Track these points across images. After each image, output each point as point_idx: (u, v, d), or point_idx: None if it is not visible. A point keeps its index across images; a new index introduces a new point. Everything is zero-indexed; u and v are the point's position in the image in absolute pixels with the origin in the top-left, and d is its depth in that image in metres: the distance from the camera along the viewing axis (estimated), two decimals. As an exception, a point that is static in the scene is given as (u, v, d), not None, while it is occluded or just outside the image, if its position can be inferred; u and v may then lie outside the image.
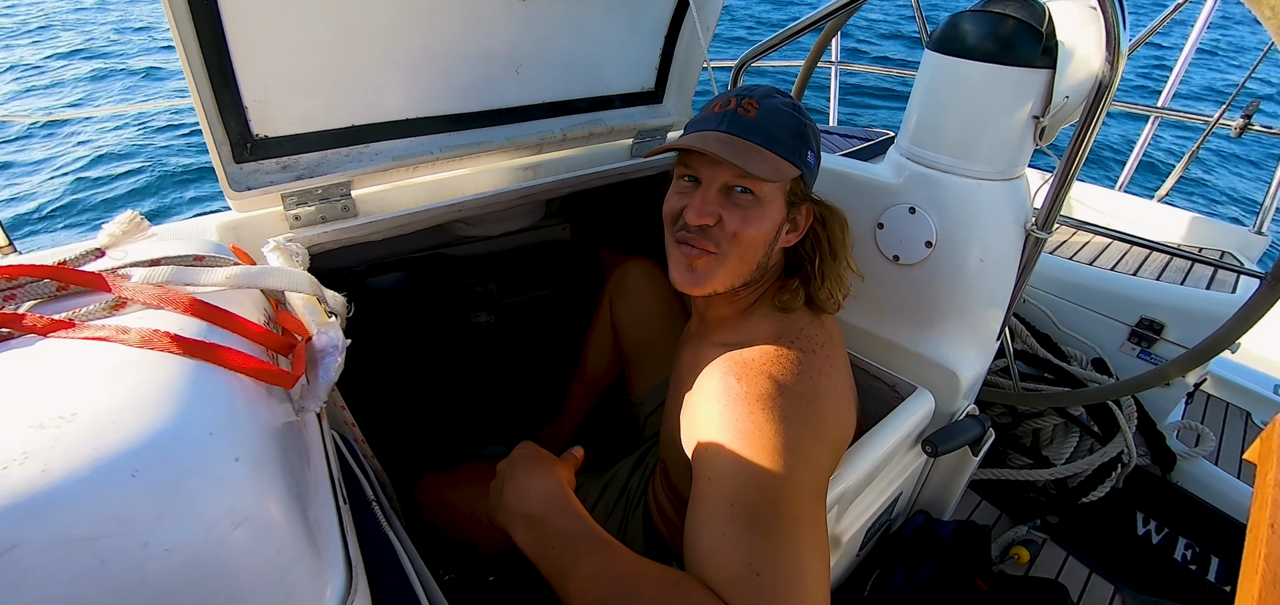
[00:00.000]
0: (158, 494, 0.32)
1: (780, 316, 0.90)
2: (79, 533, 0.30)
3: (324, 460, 0.59)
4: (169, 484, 0.32)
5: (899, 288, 1.22)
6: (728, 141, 0.82)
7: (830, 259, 0.92)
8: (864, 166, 1.25)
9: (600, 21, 1.26)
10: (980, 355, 1.23)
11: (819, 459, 0.76)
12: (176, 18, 0.80)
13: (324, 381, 0.53)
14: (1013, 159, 1.12)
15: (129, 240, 0.58)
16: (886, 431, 1.05)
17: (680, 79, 1.47)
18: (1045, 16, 1.04)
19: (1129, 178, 2.49)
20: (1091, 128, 1.03)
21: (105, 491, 0.31)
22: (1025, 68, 1.02)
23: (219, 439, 0.36)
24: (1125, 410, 1.62)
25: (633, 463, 1.31)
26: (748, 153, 0.81)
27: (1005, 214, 1.14)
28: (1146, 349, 1.82)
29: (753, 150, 0.82)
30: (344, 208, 1.07)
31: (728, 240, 0.86)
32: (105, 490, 0.31)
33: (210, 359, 0.43)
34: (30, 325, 0.45)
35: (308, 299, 0.56)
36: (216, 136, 0.93)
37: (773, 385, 0.78)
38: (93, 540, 0.30)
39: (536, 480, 0.79)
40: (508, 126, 1.25)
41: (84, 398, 0.36)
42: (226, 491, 0.34)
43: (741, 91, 0.87)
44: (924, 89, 1.14)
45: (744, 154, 0.81)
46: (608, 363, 1.51)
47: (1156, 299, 1.79)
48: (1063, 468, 1.55)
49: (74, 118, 6.23)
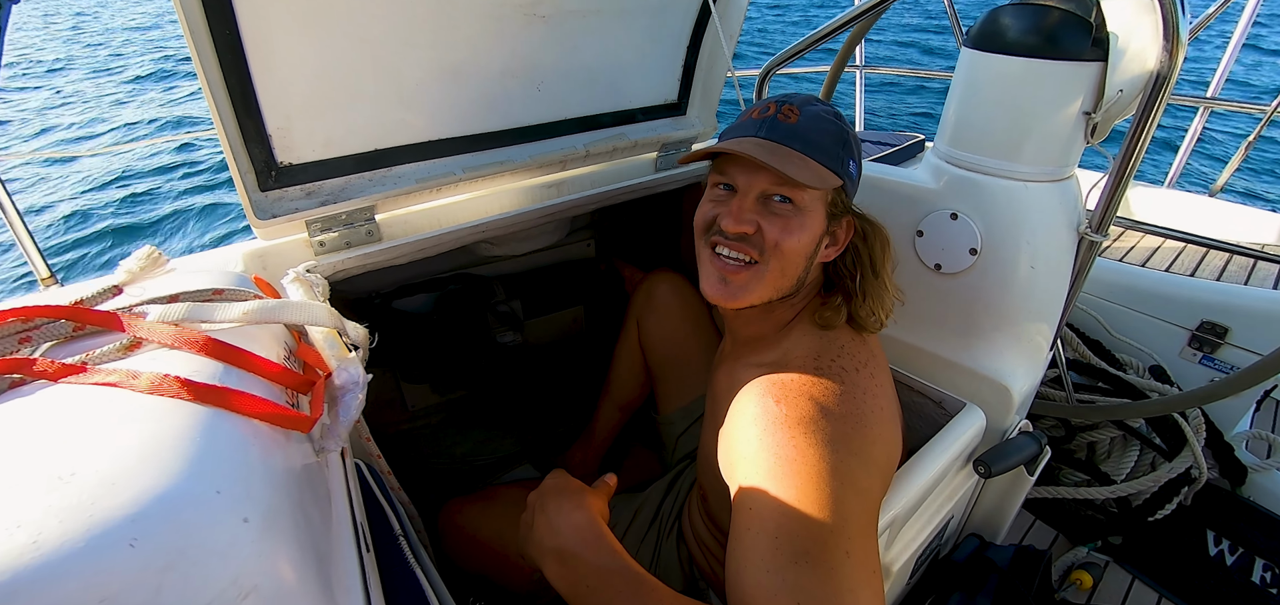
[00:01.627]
0: (156, 567, 0.29)
1: (820, 334, 0.85)
2: (70, 612, 0.27)
3: (346, 500, 0.56)
4: (169, 554, 0.29)
5: (942, 298, 1.15)
6: (767, 147, 0.78)
7: (872, 275, 0.87)
8: (899, 171, 1.20)
9: (621, 34, 1.24)
10: (1032, 367, 1.15)
11: (867, 486, 0.71)
12: (199, 48, 0.80)
13: (345, 419, 0.51)
14: (1062, 158, 1.05)
15: (147, 276, 0.56)
16: (937, 452, 0.98)
17: (704, 89, 1.44)
18: (1094, 5, 0.97)
19: (1179, 172, 2.36)
20: (1150, 122, 0.96)
21: (99, 566, 0.28)
22: (1074, 61, 0.96)
23: (226, 498, 0.33)
24: (1192, 422, 1.51)
25: (664, 486, 1.27)
26: (788, 158, 0.77)
27: (1056, 216, 1.07)
28: (1209, 354, 1.70)
29: (793, 156, 0.77)
30: (368, 232, 1.06)
31: (767, 250, 0.81)
32: (99, 564, 0.28)
33: (222, 404, 0.40)
34: (41, 370, 0.43)
35: (328, 333, 0.54)
36: (241, 165, 0.92)
37: (815, 408, 0.73)
38: (85, 620, 0.27)
39: (568, 513, 0.75)
40: (530, 144, 1.23)
41: (85, 454, 0.33)
42: (232, 559, 0.31)
43: (781, 98, 0.83)
44: (963, 88, 1.08)
45: (784, 159, 0.76)
46: (636, 381, 1.47)
47: (1219, 300, 1.68)
48: (1124, 485, 1.45)
49: (103, 151, 6.51)
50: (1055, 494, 1.52)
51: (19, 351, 0.48)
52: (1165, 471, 1.43)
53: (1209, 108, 2.25)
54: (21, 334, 0.49)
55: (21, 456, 0.34)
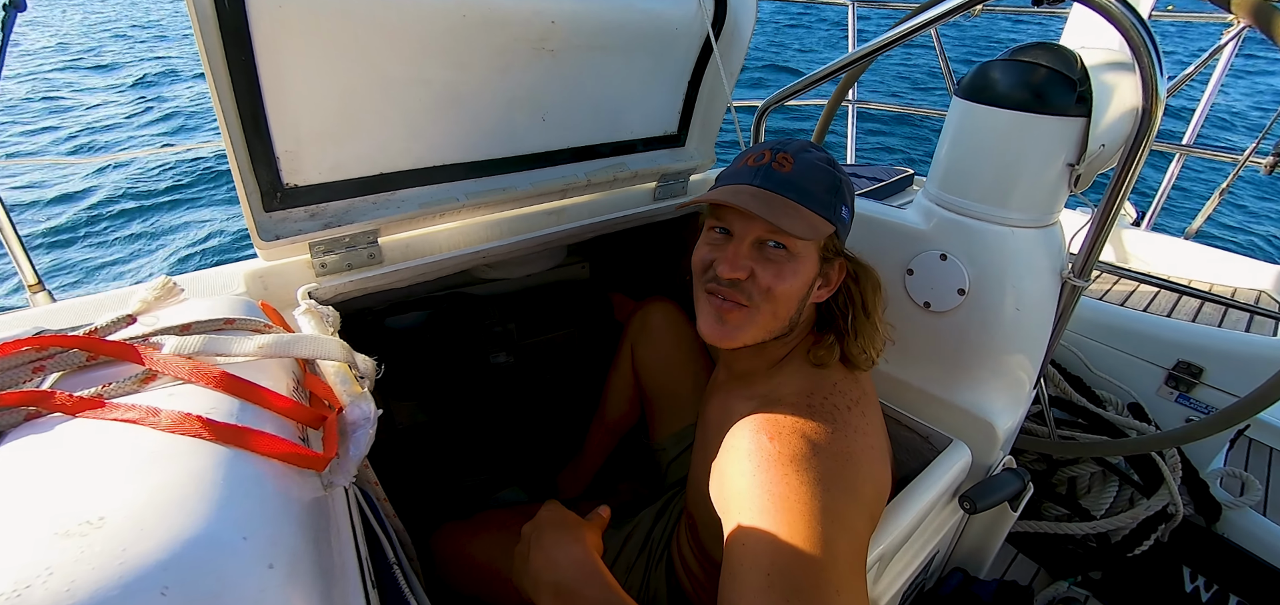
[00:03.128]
0: (188, 612, 0.30)
1: (813, 372, 0.88)
2: (104, 658, 0.28)
3: (350, 532, 0.57)
4: (200, 601, 0.30)
5: (931, 335, 1.18)
6: (762, 197, 0.80)
7: (863, 316, 0.90)
8: (892, 211, 1.23)
9: (625, 67, 1.27)
10: (1016, 405, 1.19)
11: (857, 525, 0.73)
12: (215, 72, 0.81)
13: (355, 455, 0.52)
14: (1047, 206, 1.09)
15: (161, 305, 0.57)
16: (924, 488, 1.00)
17: (703, 122, 1.47)
18: (1078, 63, 1.02)
19: (1155, 215, 2.44)
20: (1130, 174, 1.00)
21: (133, 611, 0.29)
22: (1059, 116, 1.00)
23: (252, 544, 0.34)
24: (1169, 460, 1.55)
25: (655, 512, 1.27)
26: (783, 209, 0.79)
27: (1041, 262, 1.11)
28: (1185, 393, 1.75)
29: (787, 206, 0.80)
30: (370, 255, 1.07)
31: (760, 295, 0.84)
32: (133, 610, 0.29)
33: (241, 444, 0.41)
34: (59, 404, 0.44)
35: (340, 367, 0.55)
36: (248, 186, 0.93)
37: (807, 445, 0.75)
38: (118, 667, 0.28)
39: (565, 547, 0.76)
40: (532, 172, 1.25)
41: (112, 497, 0.34)
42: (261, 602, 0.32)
43: (776, 145, 0.86)
44: (953, 136, 1.13)
45: (779, 210, 0.79)
46: (628, 406, 1.48)
47: (1194, 342, 1.73)
48: (1104, 521, 1.48)
49: (105, 164, 6.45)
50: (1037, 528, 1.55)
51: (32, 381, 0.49)
52: (1143, 509, 1.47)
53: (1185, 155, 2.34)
54: (35, 363, 0.49)
55: (49, 495, 0.35)
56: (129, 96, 9.45)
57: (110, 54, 12.16)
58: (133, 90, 9.84)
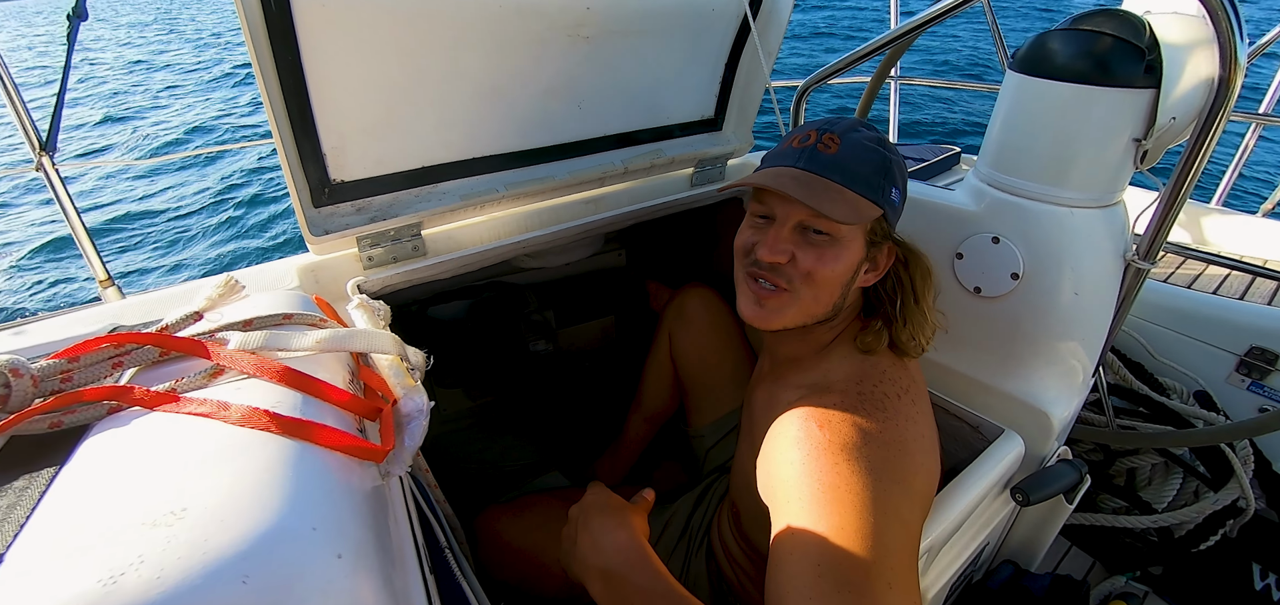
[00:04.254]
0: (265, 600, 0.31)
1: (861, 358, 0.85)
2: (192, 643, 0.29)
3: (406, 519, 0.59)
4: (277, 591, 0.32)
5: (982, 321, 1.14)
6: (804, 180, 0.78)
7: (913, 303, 0.87)
8: (940, 192, 1.19)
9: (660, 52, 1.25)
10: (1073, 394, 1.13)
11: (909, 516, 0.71)
12: (264, 74, 0.84)
13: (409, 446, 0.53)
14: (1110, 185, 1.03)
15: (225, 302, 0.60)
16: (974, 479, 0.97)
17: (741, 105, 1.45)
18: (1146, 31, 0.95)
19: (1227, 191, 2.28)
20: (1205, 148, 0.94)
21: (215, 598, 0.30)
22: (1125, 88, 0.94)
23: (321, 534, 0.35)
24: (1240, 452, 1.46)
25: (694, 499, 1.28)
26: (824, 192, 0.77)
27: (1102, 243, 1.05)
28: (1259, 381, 1.64)
29: (829, 189, 0.78)
30: (414, 247, 1.10)
31: (801, 279, 0.82)
32: (216, 599, 0.30)
33: (306, 437, 0.43)
34: (138, 398, 0.46)
35: (393, 360, 0.56)
36: (298, 183, 0.96)
37: (858, 434, 0.73)
38: (205, 651, 0.29)
39: (612, 532, 0.76)
40: (569, 161, 1.25)
41: (192, 489, 0.36)
42: (331, 594, 0.33)
43: (823, 125, 0.83)
44: (1007, 111, 1.07)
45: (820, 194, 0.77)
46: (667, 394, 1.48)
47: (1270, 325, 1.62)
48: (1166, 515, 1.41)
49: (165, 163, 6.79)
50: (1093, 521, 1.48)
51: (112, 375, 0.52)
52: (1209, 503, 1.39)
53: (1262, 124, 2.17)
54: (114, 359, 0.52)
55: (135, 487, 0.37)
56: (198, 97, 9.90)
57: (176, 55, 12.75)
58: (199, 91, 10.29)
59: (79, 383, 0.49)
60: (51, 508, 0.37)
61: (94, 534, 0.33)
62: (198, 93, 10.32)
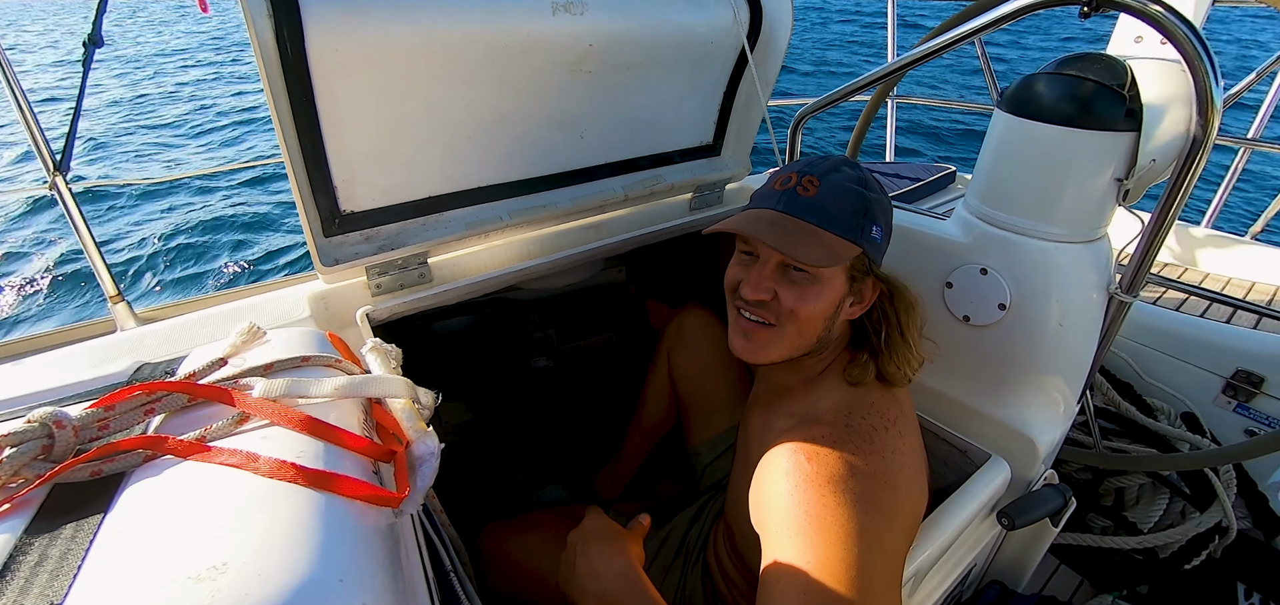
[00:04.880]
0: (301, 653, 0.35)
1: (849, 390, 0.89)
2: (234, 693, 0.33)
3: (416, 551, 0.62)
4: (310, 642, 0.35)
5: (971, 349, 1.18)
6: (779, 224, 0.83)
7: (898, 336, 0.90)
8: (932, 222, 1.22)
9: (660, 83, 1.29)
10: (1059, 421, 1.17)
11: (893, 545, 0.74)
12: (279, 110, 0.87)
13: (421, 487, 0.56)
14: (1094, 221, 1.07)
15: (247, 349, 0.63)
16: (961, 504, 1.01)
17: (738, 132, 1.48)
18: (1127, 76, 0.99)
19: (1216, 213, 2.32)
20: (1183, 189, 0.97)
21: (258, 652, 0.34)
22: (1107, 130, 0.98)
23: (347, 586, 0.38)
24: (1223, 475, 1.50)
25: (690, 516, 1.31)
26: (798, 236, 0.81)
27: (1087, 277, 1.08)
28: (1244, 403, 1.68)
29: (805, 233, 0.82)
30: (420, 274, 1.13)
31: (784, 315, 0.86)
32: (258, 652, 0.34)
33: (328, 488, 0.46)
34: (171, 448, 0.50)
35: (405, 404, 0.60)
36: (309, 214, 1.00)
37: (845, 467, 0.76)
38: (246, 700, 0.33)
39: (609, 559, 0.80)
40: (571, 188, 1.29)
41: (229, 542, 0.39)
42: (356, 641, 0.37)
43: (804, 167, 0.87)
44: (995, 149, 1.11)
45: (794, 238, 0.81)
46: (665, 411, 1.52)
47: (1255, 349, 1.66)
48: (1152, 536, 1.45)
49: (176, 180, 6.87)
50: (1080, 541, 1.52)
51: (143, 422, 0.55)
52: (1194, 524, 1.42)
53: (1250, 149, 2.21)
54: (146, 406, 0.55)
55: (175, 538, 0.40)
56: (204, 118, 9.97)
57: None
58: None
59: (114, 429, 0.53)
60: (100, 558, 0.41)
61: (143, 587, 0.37)
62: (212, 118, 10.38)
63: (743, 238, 0.89)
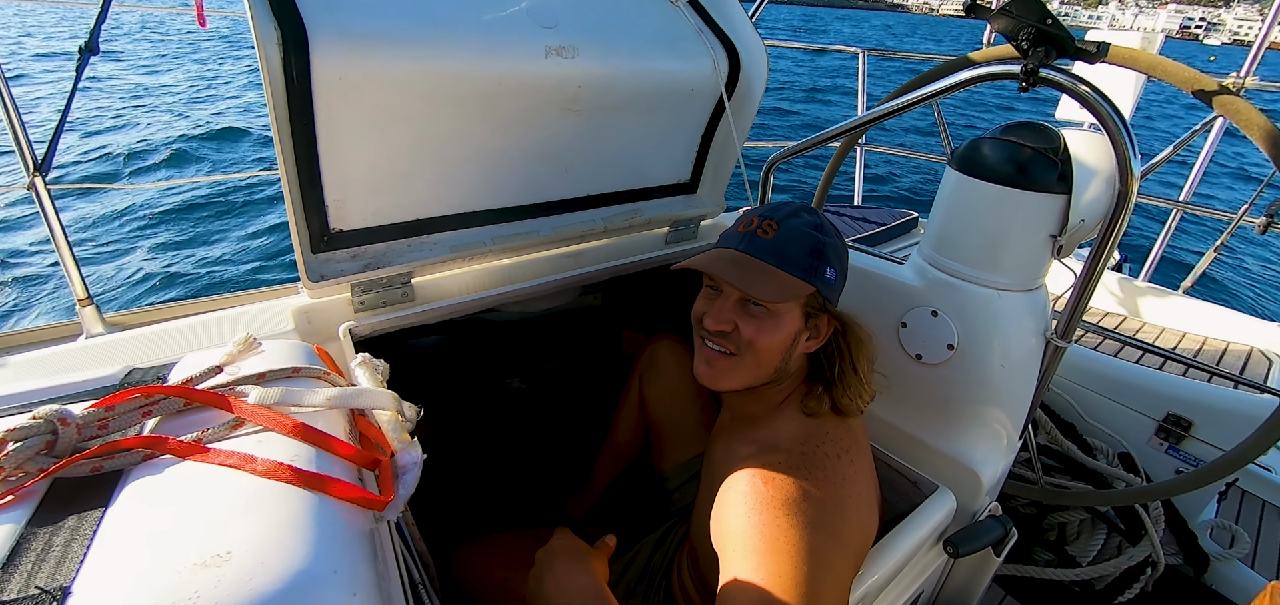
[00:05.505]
0: (298, 634, 0.39)
1: (807, 420, 0.96)
2: (238, 667, 0.37)
3: (394, 560, 0.66)
4: (307, 623, 0.39)
5: (922, 385, 1.26)
6: (739, 263, 0.91)
7: (850, 371, 0.98)
8: (889, 266, 1.32)
9: (643, 124, 1.37)
10: (1001, 455, 1.26)
11: (841, 566, 0.80)
12: (281, 134, 0.92)
13: (403, 495, 0.60)
14: (1032, 272, 1.17)
15: (243, 358, 0.67)
16: (908, 532, 1.07)
17: (715, 172, 1.57)
18: (1061, 144, 1.11)
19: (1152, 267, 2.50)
20: (1108, 246, 1.08)
21: (260, 632, 0.38)
22: (1042, 192, 1.09)
23: (341, 577, 0.42)
24: (1152, 513, 1.61)
25: (655, 541, 1.35)
26: (755, 274, 0.89)
27: (1026, 323, 1.18)
28: (1175, 445, 1.80)
29: (761, 272, 0.89)
30: (403, 293, 1.17)
31: (744, 346, 0.93)
32: (261, 631, 0.38)
33: (321, 489, 0.50)
34: (171, 448, 0.53)
35: (391, 416, 0.64)
36: (300, 231, 1.03)
37: (799, 491, 0.82)
38: (248, 674, 0.37)
39: (575, 575, 0.84)
40: (554, 217, 1.35)
41: (232, 534, 0.43)
42: (347, 625, 0.41)
43: (767, 212, 0.95)
44: (946, 203, 1.21)
45: (751, 276, 0.89)
46: (635, 436, 1.56)
47: (1183, 395, 1.79)
48: (1088, 569, 1.54)
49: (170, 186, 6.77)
50: (1024, 572, 1.60)
51: (140, 424, 0.58)
52: (1126, 558, 1.52)
53: (1181, 210, 2.41)
54: (144, 408, 0.59)
55: (178, 529, 0.44)
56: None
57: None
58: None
59: (113, 429, 0.56)
60: (105, 546, 0.44)
61: (150, 572, 0.40)
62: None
63: (707, 274, 0.96)
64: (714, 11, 1.46)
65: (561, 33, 1.15)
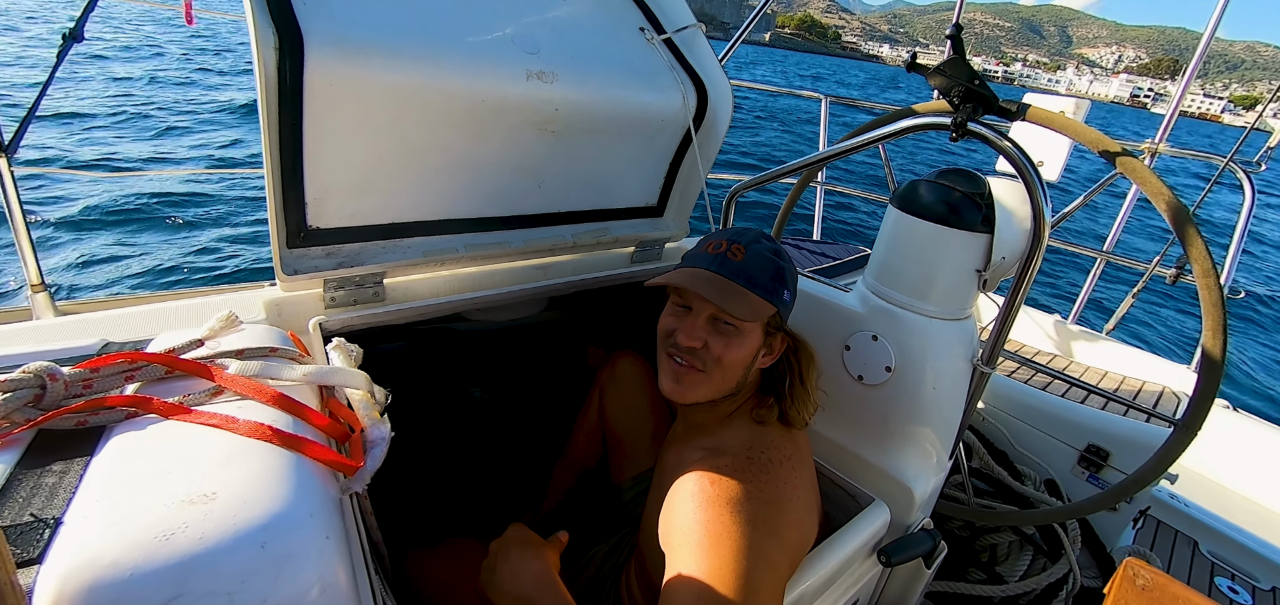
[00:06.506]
0: (277, 561, 0.43)
1: (755, 428, 1.03)
2: (221, 587, 0.41)
3: (356, 531, 0.70)
4: (285, 554, 0.44)
5: (862, 404, 1.36)
6: (716, 282, 0.98)
7: (799, 384, 1.07)
8: (836, 293, 1.42)
9: (615, 148, 1.46)
10: (933, 472, 1.36)
11: (779, 562, 0.87)
12: (268, 127, 0.96)
13: (370, 467, 0.65)
14: (961, 303, 1.29)
15: (224, 334, 0.71)
16: (844, 539, 1.15)
17: (680, 198, 1.67)
18: (985, 190, 1.24)
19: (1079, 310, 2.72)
20: (1025, 282, 1.21)
21: (243, 557, 0.42)
22: (968, 231, 1.21)
23: (316, 520, 0.47)
24: (1070, 532, 1.74)
25: (608, 548, 1.39)
26: (733, 294, 0.97)
27: (955, 349, 1.30)
28: (1094, 474, 1.96)
29: (737, 292, 0.97)
30: (375, 293, 1.21)
31: (712, 362, 1.00)
32: (243, 556, 0.42)
33: (299, 449, 0.55)
34: (156, 407, 0.57)
35: (363, 395, 0.69)
36: (278, 224, 1.07)
37: (742, 491, 0.89)
38: (231, 594, 0.41)
39: (528, 562, 0.88)
40: (525, 230, 1.41)
41: (217, 478, 0.48)
42: (319, 562, 0.46)
43: (732, 235, 1.04)
44: (886, 237, 1.33)
45: (730, 295, 0.96)
46: (593, 448, 1.61)
47: (1101, 428, 1.95)
48: (1014, 586, 1.65)
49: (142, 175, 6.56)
50: (954, 589, 1.70)
51: (124, 388, 0.62)
52: (1047, 575, 1.64)
53: (1105, 259, 2.64)
54: (127, 373, 0.62)
55: (165, 474, 0.48)
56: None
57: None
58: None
59: (98, 390, 0.59)
60: (93, 486, 0.48)
61: (140, 506, 0.45)
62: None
63: (681, 291, 1.03)
64: (686, 51, 1.58)
65: (543, 58, 1.23)
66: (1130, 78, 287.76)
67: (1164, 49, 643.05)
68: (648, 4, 1.59)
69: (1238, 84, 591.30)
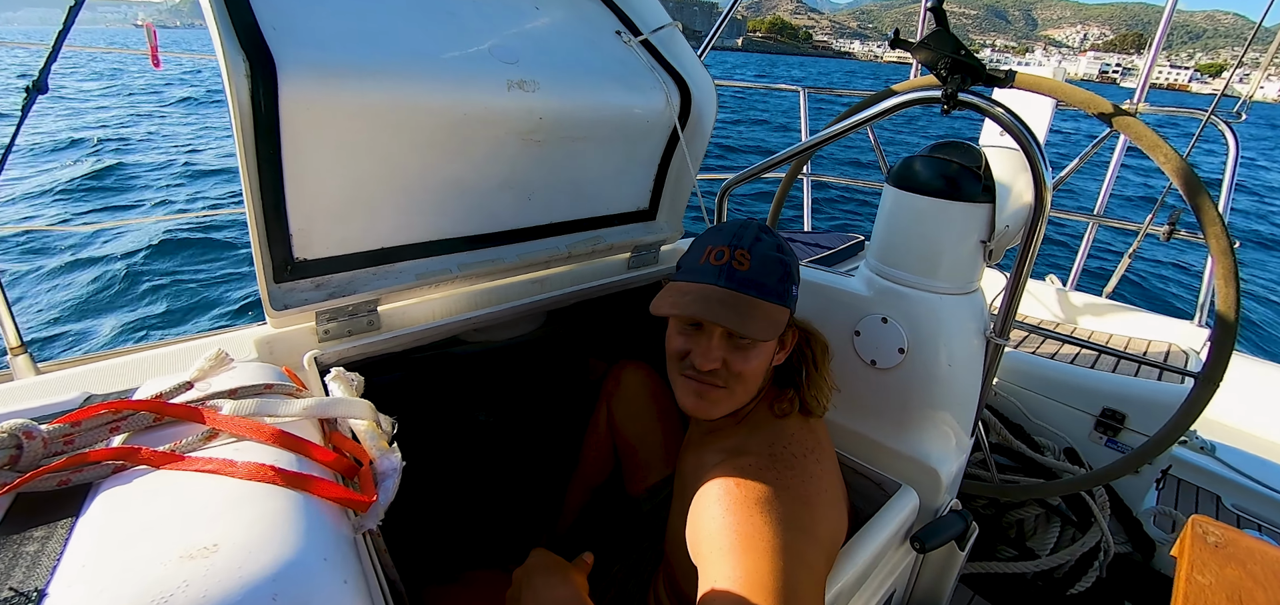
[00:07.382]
0: (291, 613, 0.39)
1: (774, 423, 1.00)
2: (230, 646, 0.37)
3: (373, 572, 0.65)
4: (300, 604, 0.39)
5: (878, 390, 1.33)
6: (728, 301, 0.91)
7: (815, 371, 1.03)
8: (841, 280, 1.40)
9: (602, 154, 1.43)
10: (957, 451, 1.33)
11: (815, 561, 0.83)
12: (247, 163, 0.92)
13: (383, 500, 0.61)
14: (968, 276, 1.27)
15: (214, 373, 0.66)
16: (876, 530, 1.12)
17: (672, 199, 1.64)
18: (982, 160, 1.22)
19: (1077, 277, 2.73)
20: (1031, 249, 1.19)
21: (252, 612, 0.38)
22: (969, 203, 1.19)
23: (331, 565, 0.43)
24: (1098, 499, 1.71)
25: (629, 565, 1.35)
26: (749, 312, 0.91)
27: (967, 324, 1.27)
28: (1112, 438, 1.93)
29: (752, 308, 0.91)
30: (369, 322, 1.17)
31: (733, 378, 0.96)
32: (253, 611, 0.38)
33: (306, 488, 0.51)
34: (145, 458, 0.52)
35: (369, 425, 0.65)
36: (263, 260, 1.02)
37: (769, 490, 0.85)
38: (241, 652, 0.37)
39: (554, 588, 0.83)
40: (518, 245, 1.38)
41: (217, 529, 0.43)
42: (337, 609, 0.41)
43: (732, 238, 0.97)
44: (886, 217, 1.31)
45: (745, 315, 0.90)
46: (604, 462, 1.57)
47: (1115, 391, 1.93)
48: (1047, 559, 1.61)
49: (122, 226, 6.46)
50: (988, 569, 1.67)
51: (109, 441, 0.57)
52: (1079, 546, 1.61)
53: (1097, 223, 2.64)
54: (112, 424, 0.58)
55: (158, 529, 0.44)
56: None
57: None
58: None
59: (80, 445, 0.55)
60: (80, 550, 0.43)
61: (133, 567, 0.40)
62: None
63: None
64: (665, 51, 1.56)
65: (522, 68, 1.20)
66: (1098, 55, 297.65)
67: (1127, 24, 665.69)
68: (621, 7, 1.57)
69: (1202, 53, 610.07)
